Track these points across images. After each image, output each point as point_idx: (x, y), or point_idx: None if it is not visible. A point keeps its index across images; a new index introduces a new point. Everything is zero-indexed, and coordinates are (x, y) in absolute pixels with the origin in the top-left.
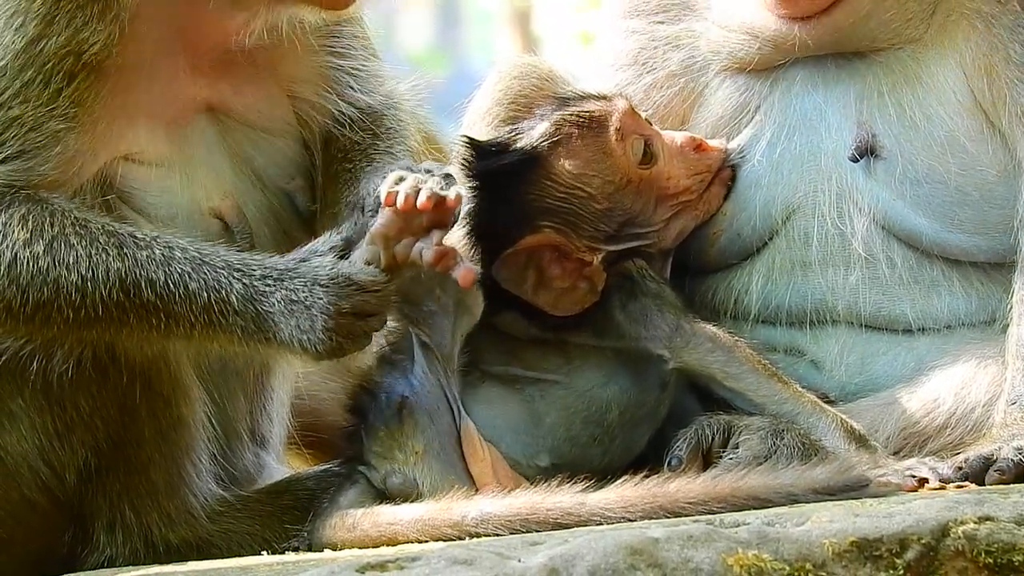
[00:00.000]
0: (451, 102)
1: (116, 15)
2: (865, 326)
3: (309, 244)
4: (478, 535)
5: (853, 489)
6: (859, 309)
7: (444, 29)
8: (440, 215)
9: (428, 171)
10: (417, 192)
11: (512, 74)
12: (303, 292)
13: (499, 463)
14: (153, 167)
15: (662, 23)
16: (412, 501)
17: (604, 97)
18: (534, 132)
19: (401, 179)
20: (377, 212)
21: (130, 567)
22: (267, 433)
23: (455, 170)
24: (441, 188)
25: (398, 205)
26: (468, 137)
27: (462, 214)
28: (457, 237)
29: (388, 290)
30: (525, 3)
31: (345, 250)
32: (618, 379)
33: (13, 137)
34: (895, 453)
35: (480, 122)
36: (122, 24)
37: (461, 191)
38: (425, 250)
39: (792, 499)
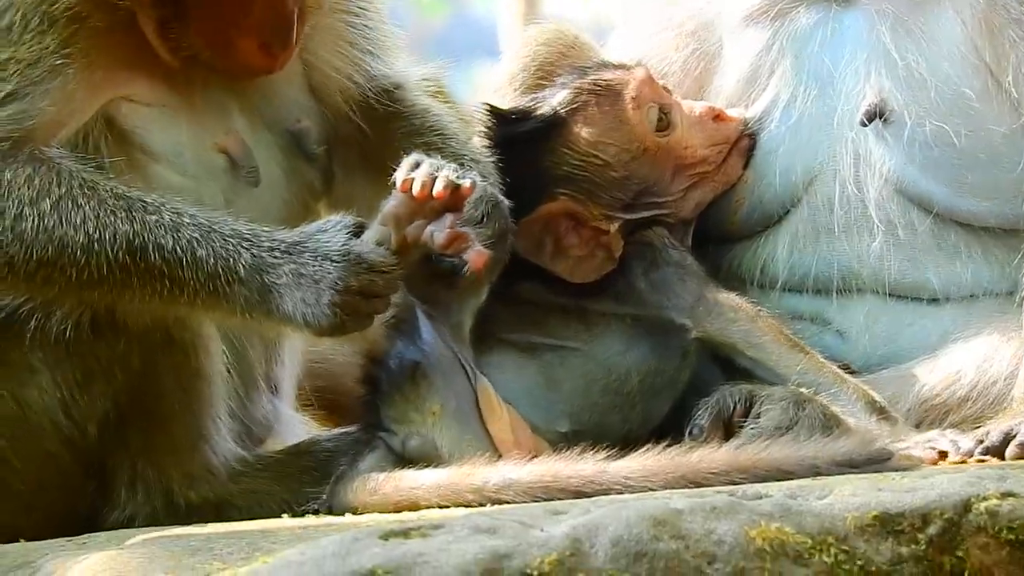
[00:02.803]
0: (451, 47)
1: None
2: (890, 295)
3: (321, 220)
4: (500, 501)
5: (876, 462)
6: (884, 276)
7: None
8: (454, 201)
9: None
10: (434, 179)
11: (538, 40)
12: (312, 266)
13: (518, 423)
14: (156, 107)
15: None
16: (433, 464)
17: (623, 66)
18: (552, 100)
19: (417, 164)
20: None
21: (151, 527)
22: (280, 380)
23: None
24: (458, 176)
25: (414, 192)
26: (489, 104)
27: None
28: None
29: (396, 272)
30: None
31: (359, 230)
32: (638, 347)
33: (12, 75)
34: (916, 425)
35: (506, 88)
36: None
37: (476, 179)
38: (436, 233)
39: (815, 471)
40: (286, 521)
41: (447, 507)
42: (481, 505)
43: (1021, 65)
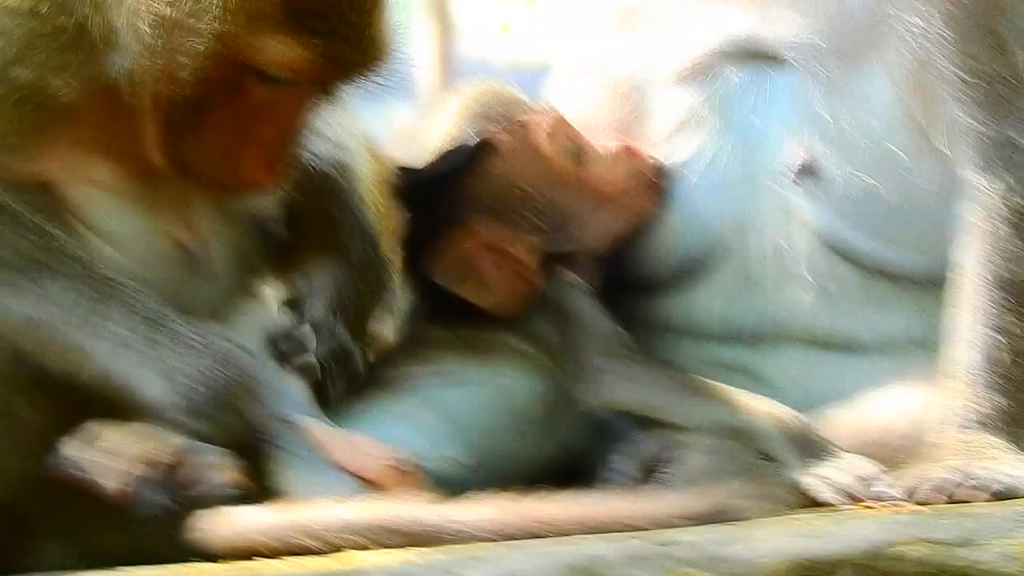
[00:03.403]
0: (367, 89)
1: (97, 73)
2: (821, 346)
3: None
4: (338, 545)
5: (724, 516)
6: (814, 328)
7: None
8: None
9: None
10: None
11: (474, 99)
12: None
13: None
14: (117, 193)
15: (611, 34)
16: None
17: (536, 109)
18: (471, 140)
19: None
20: None
21: (63, 571)
22: None
23: None
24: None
25: None
26: (402, 167)
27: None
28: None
29: None
30: None
31: None
32: (542, 379)
33: None
34: None
35: (439, 143)
36: (102, 80)
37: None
38: None
39: (667, 524)
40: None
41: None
42: (322, 550)
43: (951, 123)
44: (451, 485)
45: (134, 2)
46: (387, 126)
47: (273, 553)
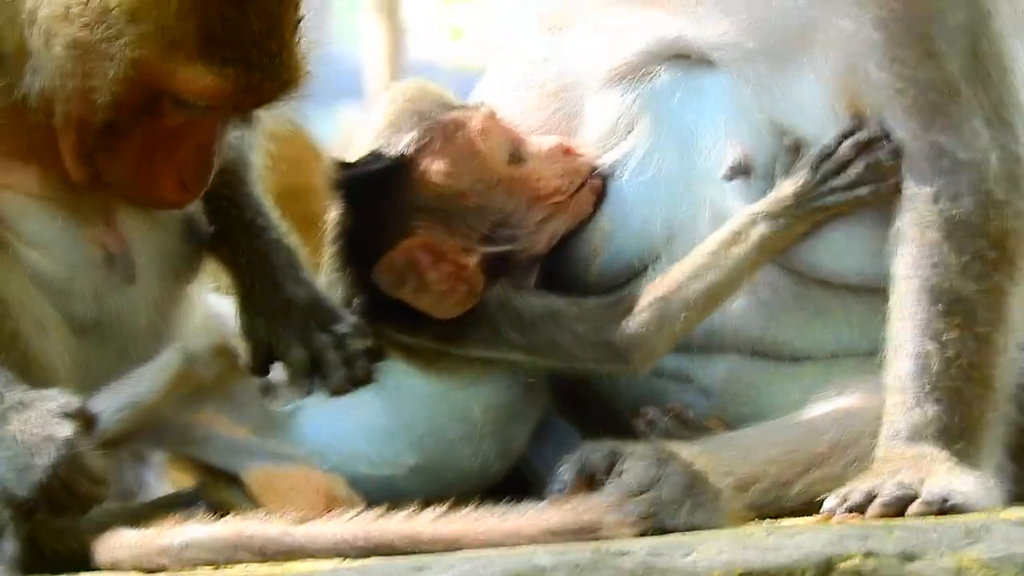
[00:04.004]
0: (315, 87)
1: (13, 84)
2: (752, 353)
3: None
4: (189, 562)
5: (587, 531)
6: (746, 335)
7: (308, 15)
8: None
9: None
10: None
11: (405, 96)
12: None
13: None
14: (37, 197)
15: (541, 34)
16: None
17: (467, 107)
18: (402, 140)
19: None
20: None
21: None
22: (147, 452)
23: None
24: None
25: None
26: (339, 160)
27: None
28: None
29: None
30: None
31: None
32: (488, 382)
33: None
34: (781, 481)
35: (372, 144)
36: (19, 92)
37: None
38: None
39: (528, 541)
40: None
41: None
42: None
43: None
44: (394, 490)
45: (48, 24)
46: (335, 127)
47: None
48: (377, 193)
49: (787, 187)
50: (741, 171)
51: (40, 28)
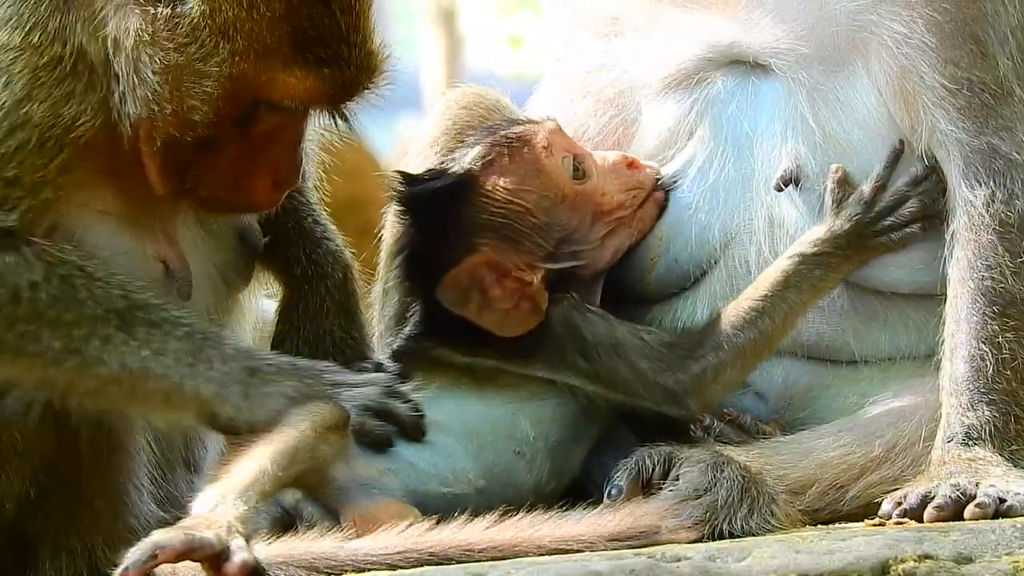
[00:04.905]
0: (374, 99)
1: (102, 99)
2: (808, 357)
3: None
4: None
5: (644, 536)
6: (802, 339)
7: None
8: None
9: None
10: None
11: (459, 104)
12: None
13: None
14: (103, 212)
15: (595, 41)
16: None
17: (532, 120)
18: (467, 156)
19: None
20: None
21: None
22: (200, 460)
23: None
24: None
25: None
26: (400, 171)
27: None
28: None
29: None
30: (450, 1)
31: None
32: (541, 399)
33: (14, 198)
34: (836, 484)
35: (428, 151)
36: (106, 108)
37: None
38: None
39: (583, 546)
40: None
41: None
42: None
43: (934, 131)
44: (457, 505)
45: (134, 51)
46: (393, 138)
47: None
48: (441, 210)
49: (840, 224)
50: (792, 180)
51: (127, 57)
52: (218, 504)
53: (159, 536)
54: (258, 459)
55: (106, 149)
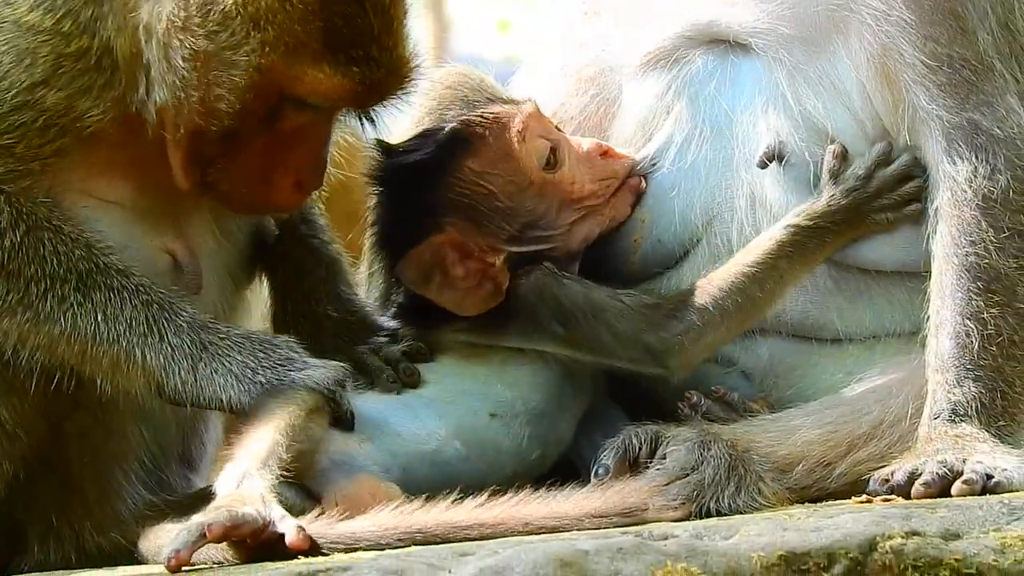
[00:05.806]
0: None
1: (121, 95)
2: (793, 335)
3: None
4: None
5: (631, 515)
6: (786, 317)
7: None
8: None
9: None
10: None
11: (444, 83)
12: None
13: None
14: (114, 204)
15: (577, 20)
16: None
17: (511, 101)
18: (439, 133)
19: None
20: None
21: (61, 571)
22: (197, 457)
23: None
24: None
25: None
26: (379, 140)
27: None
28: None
29: None
30: None
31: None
32: (520, 366)
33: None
34: (823, 462)
35: (412, 130)
36: (125, 103)
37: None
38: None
39: (571, 525)
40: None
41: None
42: None
43: (916, 108)
44: (443, 472)
45: (167, 37)
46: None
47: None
48: (411, 185)
49: (836, 197)
50: (775, 157)
51: (158, 41)
52: (244, 479)
53: (203, 516)
54: (266, 435)
55: (118, 141)
